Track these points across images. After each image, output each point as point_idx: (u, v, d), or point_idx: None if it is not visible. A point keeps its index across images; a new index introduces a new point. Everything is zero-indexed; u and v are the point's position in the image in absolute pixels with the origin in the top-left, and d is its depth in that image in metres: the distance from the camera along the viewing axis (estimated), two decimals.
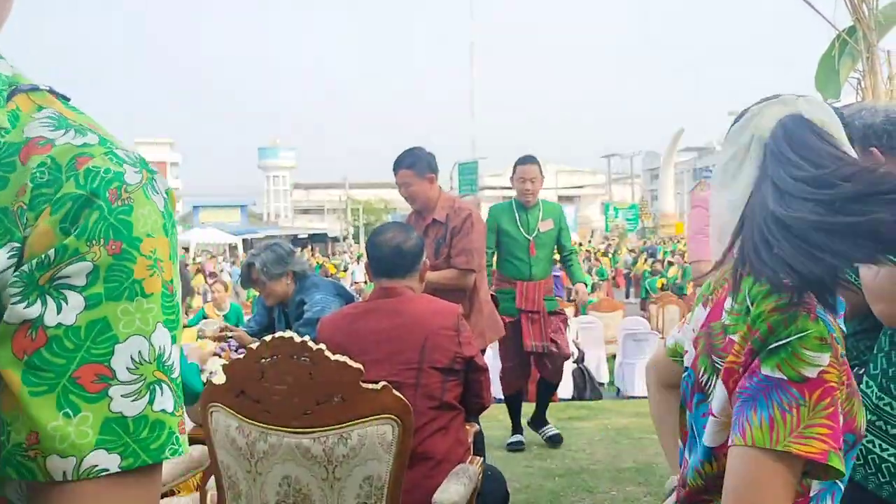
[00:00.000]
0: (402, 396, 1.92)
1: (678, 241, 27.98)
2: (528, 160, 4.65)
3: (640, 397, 7.37)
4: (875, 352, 1.62)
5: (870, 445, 1.54)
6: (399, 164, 3.80)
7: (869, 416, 1.55)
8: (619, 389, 8.56)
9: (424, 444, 2.21)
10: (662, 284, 15.61)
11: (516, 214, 4.65)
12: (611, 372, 9.21)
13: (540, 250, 4.66)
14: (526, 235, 4.61)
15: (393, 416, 1.89)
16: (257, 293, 3.89)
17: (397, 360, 2.29)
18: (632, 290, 21.70)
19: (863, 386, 1.62)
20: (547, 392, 5.04)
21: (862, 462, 1.55)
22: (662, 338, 10.65)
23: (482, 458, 2.44)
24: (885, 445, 1.52)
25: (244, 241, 38.31)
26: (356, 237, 51.92)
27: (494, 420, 6.19)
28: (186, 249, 31.70)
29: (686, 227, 3.12)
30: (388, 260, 2.48)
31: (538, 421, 5.01)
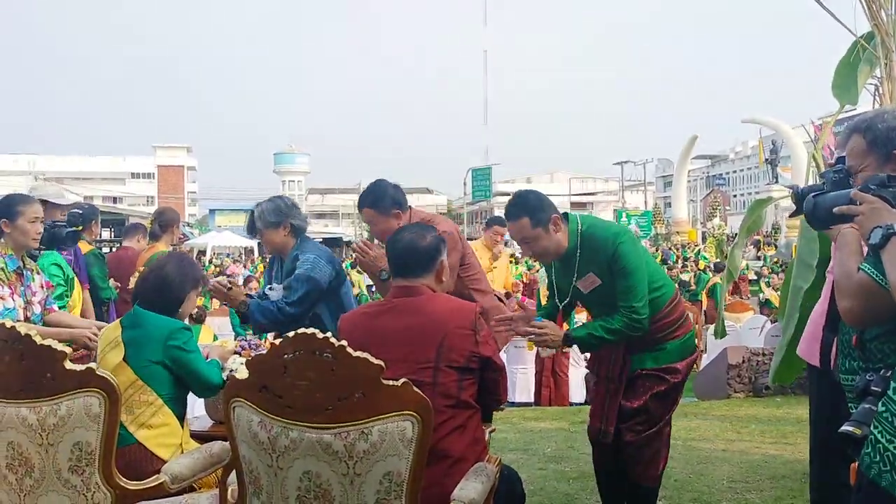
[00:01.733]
0: (422, 393, 1.94)
1: (691, 248, 27.84)
2: (506, 217, 3.12)
3: None
4: None
5: (890, 446, 1.55)
6: (362, 203, 3.59)
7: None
8: None
9: (442, 442, 2.22)
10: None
11: (553, 268, 3.24)
12: None
13: (596, 308, 3.21)
14: (556, 302, 3.24)
15: (413, 413, 1.91)
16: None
17: (414, 360, 2.30)
18: None
19: (890, 391, 1.62)
20: (635, 499, 3.29)
21: (878, 459, 1.56)
22: None
23: (500, 457, 2.45)
24: None
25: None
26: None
27: (508, 423, 6.20)
28: (203, 252, 31.94)
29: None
30: (401, 258, 2.50)
31: None
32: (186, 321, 2.99)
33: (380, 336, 2.35)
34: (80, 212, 5.27)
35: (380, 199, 3.52)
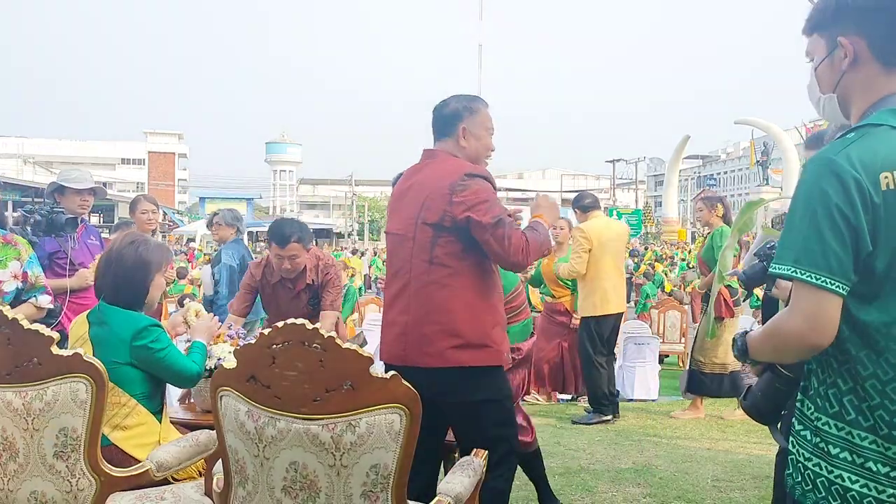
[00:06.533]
0: (410, 386, 1.92)
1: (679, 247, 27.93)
2: None
3: (639, 400, 7.38)
4: None
5: (809, 464, 1.51)
6: (287, 238, 3.74)
7: None
8: (618, 392, 8.56)
9: (420, 294, 2.53)
10: (671, 289, 15.45)
11: None
12: None
13: None
14: None
15: (401, 406, 1.90)
16: None
17: (405, 216, 2.61)
18: (632, 294, 21.65)
19: (804, 409, 1.55)
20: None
21: (800, 479, 1.54)
22: (663, 342, 10.68)
23: (486, 452, 2.44)
24: None
25: (249, 233, 38.38)
26: (360, 234, 51.93)
27: None
28: (193, 240, 31.81)
29: None
30: (433, 124, 2.79)
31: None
32: (171, 303, 2.94)
33: (398, 195, 2.74)
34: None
35: (305, 235, 3.84)
